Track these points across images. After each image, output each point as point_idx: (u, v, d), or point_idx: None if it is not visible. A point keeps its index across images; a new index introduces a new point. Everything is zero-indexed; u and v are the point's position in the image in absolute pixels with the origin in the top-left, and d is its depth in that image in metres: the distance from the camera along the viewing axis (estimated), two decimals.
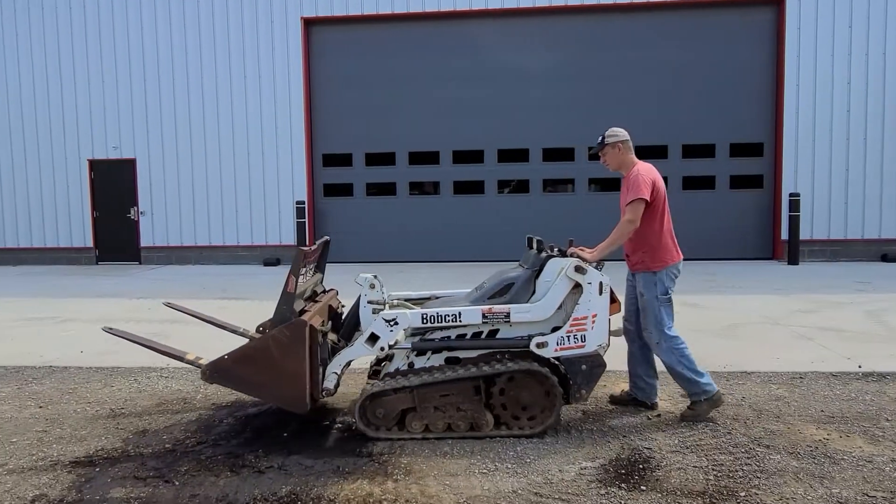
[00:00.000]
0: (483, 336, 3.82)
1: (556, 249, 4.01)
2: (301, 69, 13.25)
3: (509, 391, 3.74)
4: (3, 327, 7.24)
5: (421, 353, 3.86)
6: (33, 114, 13.84)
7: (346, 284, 4.75)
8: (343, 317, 4.41)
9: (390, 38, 13.36)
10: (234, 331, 4.53)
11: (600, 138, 4.18)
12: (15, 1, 13.74)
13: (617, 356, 4.33)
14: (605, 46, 12.89)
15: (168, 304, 4.73)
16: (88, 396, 4.73)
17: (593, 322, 3.73)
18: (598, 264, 3.90)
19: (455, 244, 13.29)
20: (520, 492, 3.10)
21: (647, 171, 4.02)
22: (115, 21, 13.54)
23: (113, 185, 13.89)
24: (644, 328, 4.08)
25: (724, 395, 4.16)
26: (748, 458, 3.44)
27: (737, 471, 3.28)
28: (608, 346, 3.91)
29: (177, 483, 3.25)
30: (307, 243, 13.17)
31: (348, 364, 3.89)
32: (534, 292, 3.84)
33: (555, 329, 3.77)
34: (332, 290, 4.66)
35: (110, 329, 4.06)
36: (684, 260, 4.22)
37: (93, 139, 13.78)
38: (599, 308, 3.76)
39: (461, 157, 13.43)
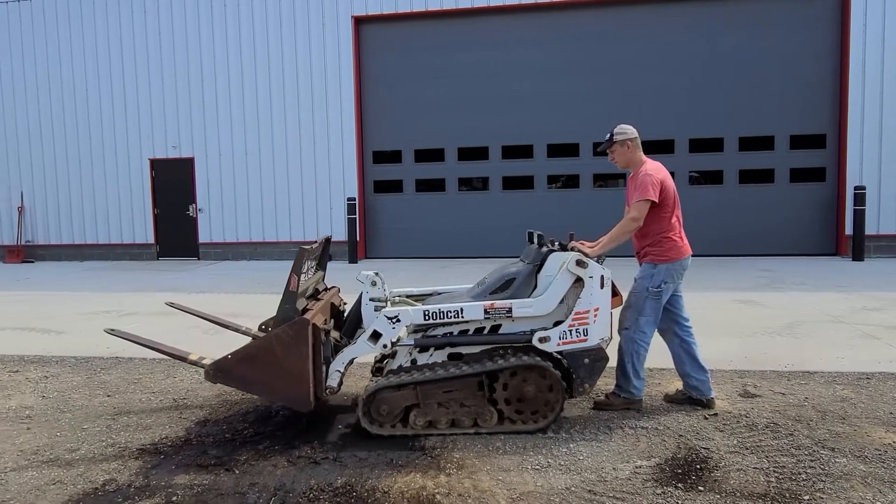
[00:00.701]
0: (485, 332, 3.82)
1: (556, 244, 4.01)
2: (352, 67, 13.42)
3: (512, 386, 3.73)
4: (73, 320, 7.59)
5: (423, 349, 3.88)
6: (99, 116, 14.46)
7: (393, 279, 4.79)
8: (345, 314, 4.44)
9: (438, 34, 13.39)
10: (236, 329, 4.58)
11: (608, 135, 4.16)
12: (82, 6, 14.35)
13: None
14: (660, 37, 12.60)
15: (170, 304, 4.79)
16: (152, 386, 4.92)
17: (595, 316, 3.73)
18: (599, 258, 3.90)
19: (504, 240, 13.21)
20: (573, 489, 3.07)
21: (655, 171, 4.01)
22: (175, 25, 14.00)
23: (172, 183, 14.39)
24: (623, 308, 4.12)
25: (644, 406, 4.14)
26: (812, 460, 3.32)
27: (800, 473, 3.18)
28: (610, 339, 3.93)
29: (237, 471, 3.36)
30: (357, 239, 13.37)
31: (351, 362, 3.93)
32: (535, 287, 3.83)
33: (557, 323, 3.76)
34: (333, 287, 4.68)
35: (112, 330, 4.09)
36: (742, 256, 4.15)
37: (153, 139, 14.30)
38: (601, 302, 3.76)
39: (510, 152, 13.37)
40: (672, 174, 13.65)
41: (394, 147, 13.89)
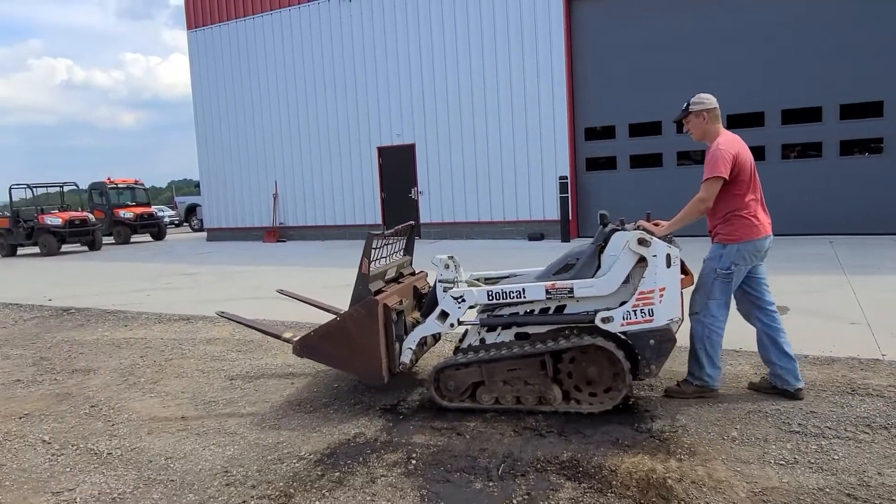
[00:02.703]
0: (550, 312, 3.80)
1: (625, 224, 3.90)
2: (563, 43, 13.26)
3: (576, 366, 3.73)
4: (318, 292, 8.59)
5: (491, 328, 3.96)
6: (335, 111, 16.11)
7: None
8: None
9: (651, 4, 12.65)
10: (336, 313, 4.68)
11: (685, 105, 3.97)
12: (320, 14, 16.01)
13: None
14: None
15: (280, 291, 5.37)
16: None
17: (661, 296, 3.55)
18: (668, 237, 3.78)
19: None
20: (827, 490, 2.77)
21: (728, 145, 3.75)
22: (397, 21, 15.01)
23: (396, 168, 15.55)
24: (693, 292, 3.92)
25: (718, 395, 3.91)
26: None
27: None
28: (681, 320, 3.76)
29: (467, 436, 3.57)
30: (570, 218, 13.26)
31: (424, 339, 4.13)
32: (599, 267, 3.74)
33: (623, 304, 3.62)
34: (421, 272, 4.84)
35: (222, 313, 4.79)
36: None
37: (380, 128, 15.56)
38: (668, 281, 3.58)
39: (737, 121, 12.21)
40: (880, 140, 11.45)
41: (606, 122, 13.50)
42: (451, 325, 3.96)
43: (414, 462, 3.28)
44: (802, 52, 11.49)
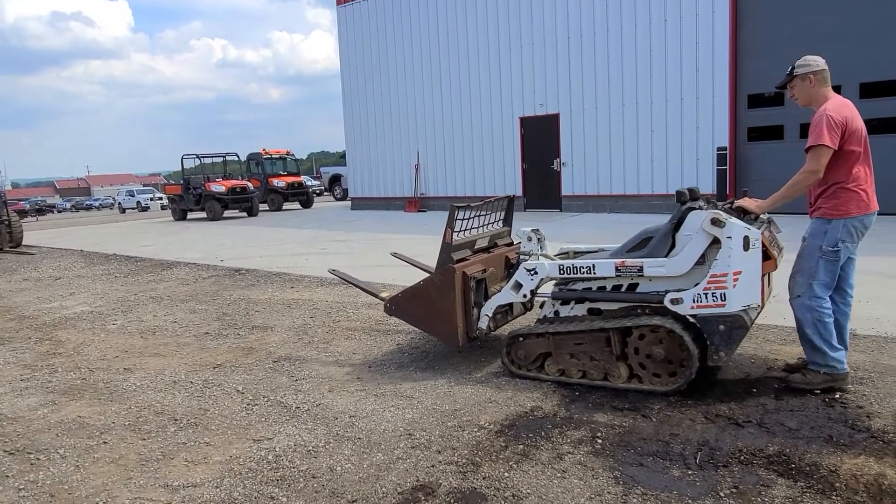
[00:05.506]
0: (622, 289, 3.75)
1: (713, 201, 3.72)
2: (727, 4, 12.22)
3: (642, 346, 3.65)
4: None
5: (565, 302, 3.99)
6: (478, 83, 16.03)
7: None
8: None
9: None
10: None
11: (789, 68, 3.63)
12: None
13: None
14: None
15: (394, 255, 5.59)
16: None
17: (735, 280, 3.36)
18: (757, 217, 3.64)
19: None
20: None
21: (836, 109, 3.39)
22: None
23: (538, 139, 15.24)
24: (792, 274, 3.63)
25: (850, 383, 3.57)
26: None
27: None
28: (760, 307, 3.55)
29: (653, 419, 3.37)
30: (727, 193, 12.35)
31: (508, 308, 4.36)
32: (674, 246, 3.60)
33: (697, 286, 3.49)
34: (518, 243, 4.76)
35: (333, 271, 5.20)
36: None
37: (523, 98, 15.29)
38: (744, 265, 3.37)
39: None
40: None
41: (774, 88, 12.32)
42: (525, 296, 4.07)
43: (600, 441, 3.15)
44: None
